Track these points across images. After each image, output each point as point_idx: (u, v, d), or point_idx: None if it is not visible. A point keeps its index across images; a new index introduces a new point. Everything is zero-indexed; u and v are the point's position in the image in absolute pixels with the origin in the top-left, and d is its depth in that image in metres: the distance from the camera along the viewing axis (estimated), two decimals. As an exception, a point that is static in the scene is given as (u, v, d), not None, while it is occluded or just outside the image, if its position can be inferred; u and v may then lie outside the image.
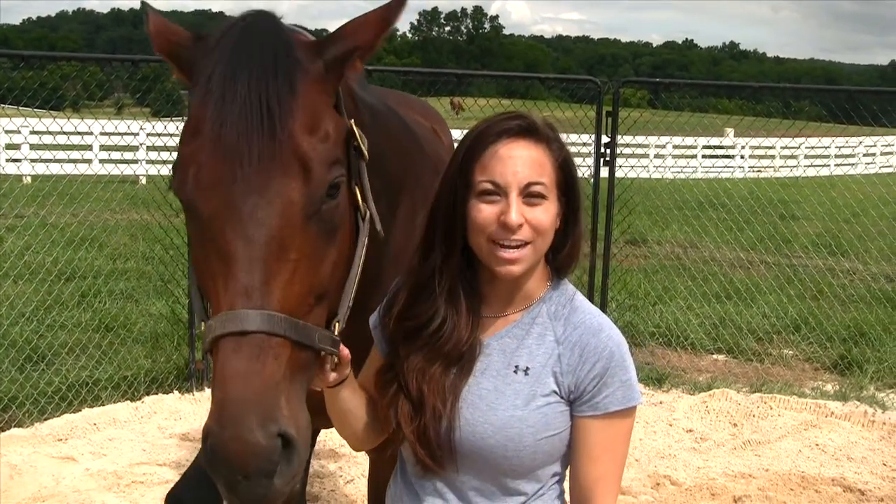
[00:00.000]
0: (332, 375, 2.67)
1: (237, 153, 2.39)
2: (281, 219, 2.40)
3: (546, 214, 2.69)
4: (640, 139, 25.83)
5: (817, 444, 8.08)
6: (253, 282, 2.35)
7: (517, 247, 2.68)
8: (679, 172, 27.79)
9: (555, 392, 2.73)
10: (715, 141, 35.25)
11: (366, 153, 2.75)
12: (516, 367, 2.78)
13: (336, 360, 2.62)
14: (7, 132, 22.88)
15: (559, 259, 2.85)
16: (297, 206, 2.43)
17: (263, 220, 2.38)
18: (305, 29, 2.99)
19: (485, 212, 2.70)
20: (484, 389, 2.78)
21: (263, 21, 2.62)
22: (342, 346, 2.62)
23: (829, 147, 36.12)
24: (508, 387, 2.76)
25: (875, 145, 40.00)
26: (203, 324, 2.45)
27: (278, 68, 2.49)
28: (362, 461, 6.94)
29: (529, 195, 2.67)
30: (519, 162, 2.69)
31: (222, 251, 2.37)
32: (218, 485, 2.31)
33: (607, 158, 9.92)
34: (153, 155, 20.94)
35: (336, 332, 2.60)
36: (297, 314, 2.42)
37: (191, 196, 2.43)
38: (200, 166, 2.41)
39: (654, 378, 9.76)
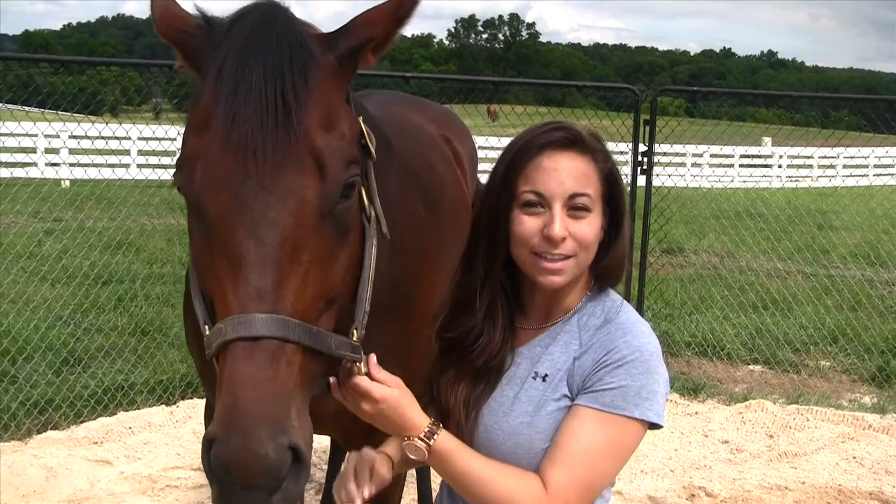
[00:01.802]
0: (379, 389, 2.54)
1: (250, 148, 2.29)
2: (295, 219, 2.30)
3: (590, 228, 2.67)
4: (677, 148, 25.74)
5: (854, 457, 8.00)
6: (265, 284, 2.25)
7: (560, 259, 2.67)
8: (716, 181, 27.67)
9: (566, 396, 2.70)
10: (753, 150, 35.02)
11: (373, 152, 2.71)
12: (536, 373, 2.77)
13: (363, 367, 2.53)
14: (46, 136, 23.03)
15: (600, 270, 2.81)
16: (311, 206, 2.34)
17: (276, 219, 2.28)
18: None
19: (528, 224, 2.69)
20: (504, 396, 2.79)
21: (275, 12, 2.52)
22: (372, 357, 2.55)
23: (868, 157, 35.93)
24: (525, 393, 2.76)
25: (915, 155, 39.67)
26: (207, 327, 2.37)
27: (293, 61, 2.40)
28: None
29: (574, 208, 2.66)
30: (564, 173, 2.66)
31: (232, 252, 2.27)
32: (211, 486, 2.22)
33: (644, 167, 9.89)
34: (190, 160, 21.12)
35: (355, 339, 2.54)
36: (310, 319, 2.33)
37: (198, 193, 2.34)
38: (210, 161, 2.32)
39: (690, 388, 9.70)
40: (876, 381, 10.15)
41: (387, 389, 2.53)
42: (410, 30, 2.76)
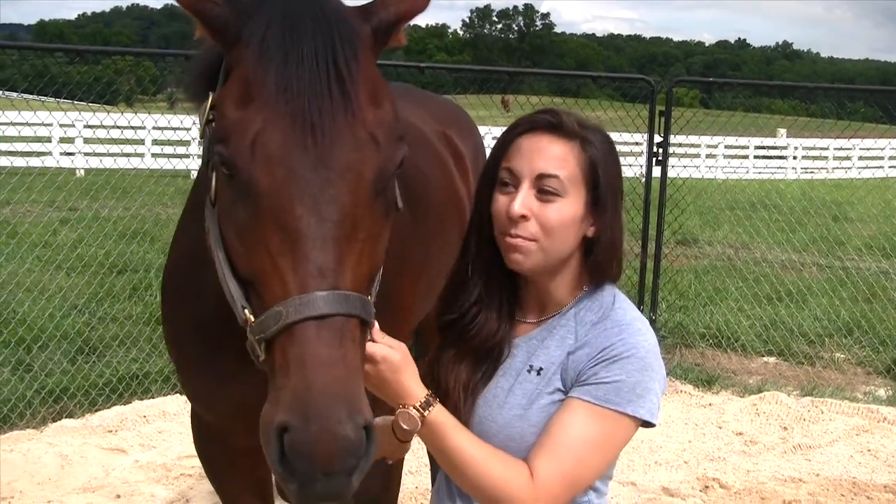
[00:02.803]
0: (381, 350, 2.49)
1: (307, 122, 2.19)
2: (353, 196, 2.21)
3: (557, 213, 2.64)
4: (692, 139, 25.71)
5: (869, 450, 7.98)
6: (327, 262, 2.15)
7: (522, 238, 2.66)
8: (731, 173, 27.56)
9: (559, 390, 2.68)
10: (768, 141, 34.92)
11: None
12: (531, 366, 2.75)
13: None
14: (62, 126, 23.11)
15: (592, 265, 2.77)
16: (368, 183, 2.25)
17: (336, 196, 2.19)
18: None
19: (499, 201, 2.70)
20: (499, 388, 2.78)
21: None
22: (374, 322, 2.42)
23: (884, 149, 35.84)
24: (519, 386, 2.74)
25: (931, 147, 39.52)
26: (247, 311, 2.27)
27: (341, 32, 2.31)
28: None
29: (542, 190, 2.64)
30: (536, 154, 2.66)
31: (289, 228, 2.15)
32: (286, 483, 2.11)
33: (660, 158, 9.87)
34: (205, 150, 21.15)
35: None
36: (362, 294, 2.24)
37: (248, 166, 2.20)
38: (261, 134, 2.19)
39: (704, 380, 9.69)
40: (891, 373, 10.12)
41: (389, 350, 2.48)
42: (425, 20, 2.72)
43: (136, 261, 12.68)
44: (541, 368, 2.73)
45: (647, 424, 2.65)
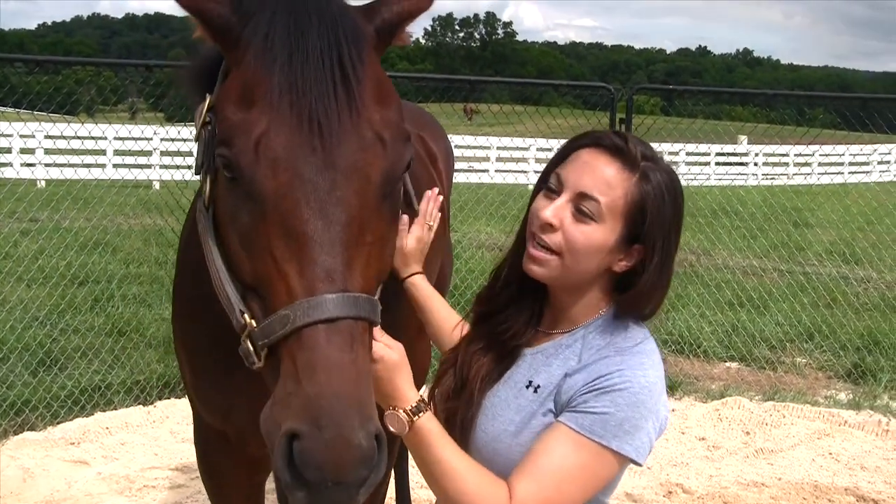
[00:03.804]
0: (379, 349, 2.46)
1: (314, 122, 2.16)
2: (360, 198, 2.19)
3: (586, 236, 2.61)
4: (653, 146, 25.76)
5: (830, 453, 8.05)
6: (335, 265, 2.13)
7: (544, 249, 2.64)
8: (692, 179, 27.69)
9: (551, 411, 2.65)
10: (728, 148, 35.10)
11: None
12: (530, 382, 2.72)
13: None
14: (22, 136, 22.93)
15: (623, 298, 2.75)
16: (375, 185, 2.24)
17: (343, 198, 2.16)
18: None
19: (538, 203, 2.69)
20: (497, 397, 2.76)
21: None
22: None
23: (843, 155, 36.16)
24: (515, 400, 2.72)
25: (890, 153, 39.72)
26: (246, 316, 2.23)
27: (346, 31, 2.28)
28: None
29: (578, 208, 2.61)
30: (588, 170, 2.63)
31: (295, 231, 2.13)
32: (293, 491, 2.08)
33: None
34: (167, 160, 21.07)
35: None
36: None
37: (252, 168, 2.17)
38: (266, 135, 2.16)
39: (667, 386, 9.63)
40: (851, 377, 10.21)
41: (387, 350, 2.45)
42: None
43: (98, 272, 12.59)
44: (538, 386, 2.69)
45: (635, 463, 2.60)
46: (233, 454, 3.62)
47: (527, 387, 2.72)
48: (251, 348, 2.23)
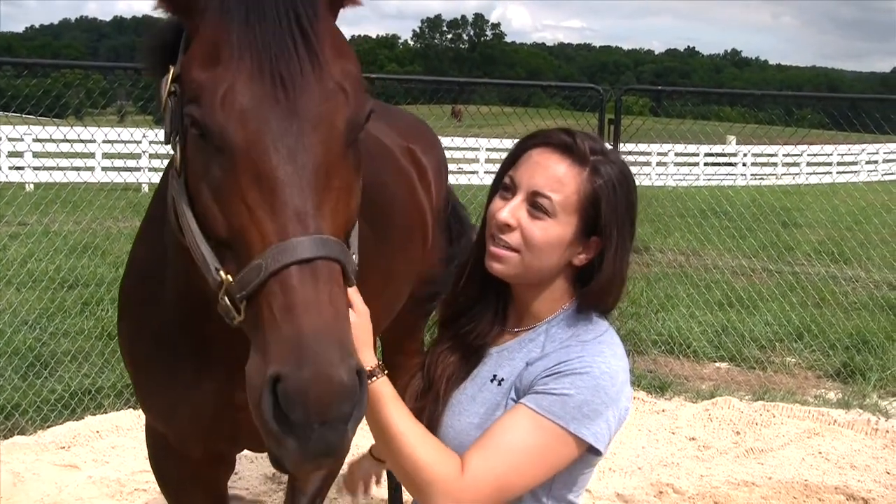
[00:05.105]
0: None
1: (276, 75, 2.22)
2: (326, 145, 2.24)
3: (543, 232, 2.65)
4: (642, 147, 25.82)
5: (820, 453, 8.07)
6: (305, 207, 2.17)
7: (504, 247, 2.68)
8: (681, 180, 27.79)
9: (513, 400, 2.67)
10: (717, 148, 35.17)
11: None
12: (494, 376, 2.76)
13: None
14: (10, 140, 22.91)
15: (585, 293, 2.78)
16: (339, 133, 2.28)
17: (310, 144, 2.21)
18: None
19: (494, 205, 2.74)
20: (464, 395, 2.80)
21: None
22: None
23: (831, 154, 36.30)
24: (480, 394, 2.76)
25: (877, 153, 39.90)
26: (221, 273, 2.25)
27: None
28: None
29: (533, 205, 2.65)
30: (539, 169, 2.67)
31: (266, 178, 2.17)
32: (282, 442, 2.07)
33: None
34: (156, 163, 21.02)
35: None
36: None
37: (221, 123, 2.22)
38: (232, 90, 2.22)
39: (657, 386, 9.74)
40: (840, 376, 10.23)
41: (350, 312, 2.40)
42: (375, 30, 2.73)
43: (87, 275, 12.58)
44: (502, 380, 2.73)
45: (594, 452, 2.62)
46: (179, 458, 3.64)
47: (491, 381, 2.76)
48: (229, 304, 2.24)
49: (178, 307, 3.01)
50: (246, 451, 4.06)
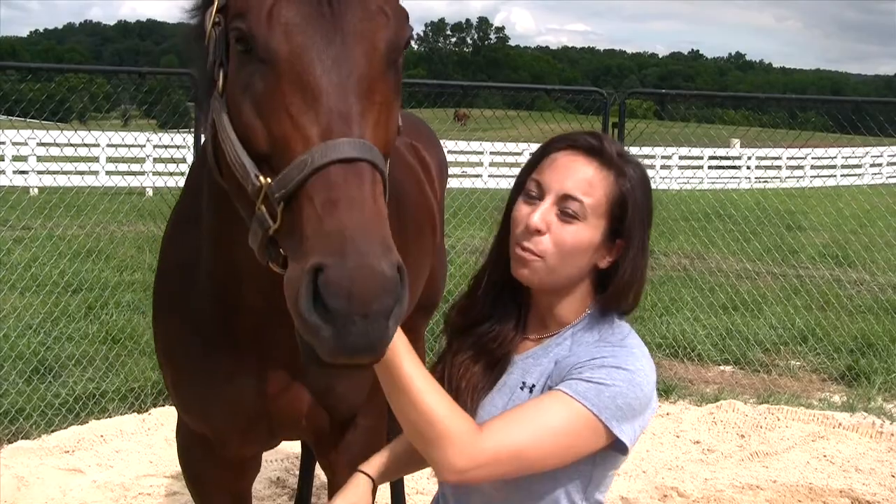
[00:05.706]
0: None
1: None
2: (369, 60, 2.29)
3: (574, 236, 2.63)
4: (646, 150, 25.81)
5: (825, 456, 8.06)
6: (350, 112, 2.20)
7: (532, 253, 2.65)
8: (685, 183, 27.74)
9: None
10: (721, 152, 35.19)
11: None
12: (524, 383, 2.72)
13: None
14: (14, 144, 22.92)
15: (605, 296, 2.76)
16: (381, 52, 2.32)
17: (353, 57, 2.26)
18: None
19: (520, 210, 2.70)
20: (492, 405, 2.74)
21: None
22: None
23: (835, 157, 36.28)
24: (511, 404, 2.69)
25: (882, 155, 39.86)
26: (261, 178, 2.25)
27: None
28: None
29: (563, 210, 2.63)
30: (568, 173, 2.66)
31: (310, 86, 2.21)
32: (319, 332, 2.03)
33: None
34: (160, 167, 21.04)
35: None
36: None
37: (267, 36, 2.27)
38: (278, 5, 2.28)
39: (661, 389, 9.72)
40: (845, 379, 10.22)
41: None
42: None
43: (92, 279, 12.58)
44: (533, 385, 2.69)
45: (620, 447, 2.58)
46: (215, 458, 3.62)
47: (521, 388, 2.72)
48: (265, 212, 2.25)
49: (213, 298, 3.07)
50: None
